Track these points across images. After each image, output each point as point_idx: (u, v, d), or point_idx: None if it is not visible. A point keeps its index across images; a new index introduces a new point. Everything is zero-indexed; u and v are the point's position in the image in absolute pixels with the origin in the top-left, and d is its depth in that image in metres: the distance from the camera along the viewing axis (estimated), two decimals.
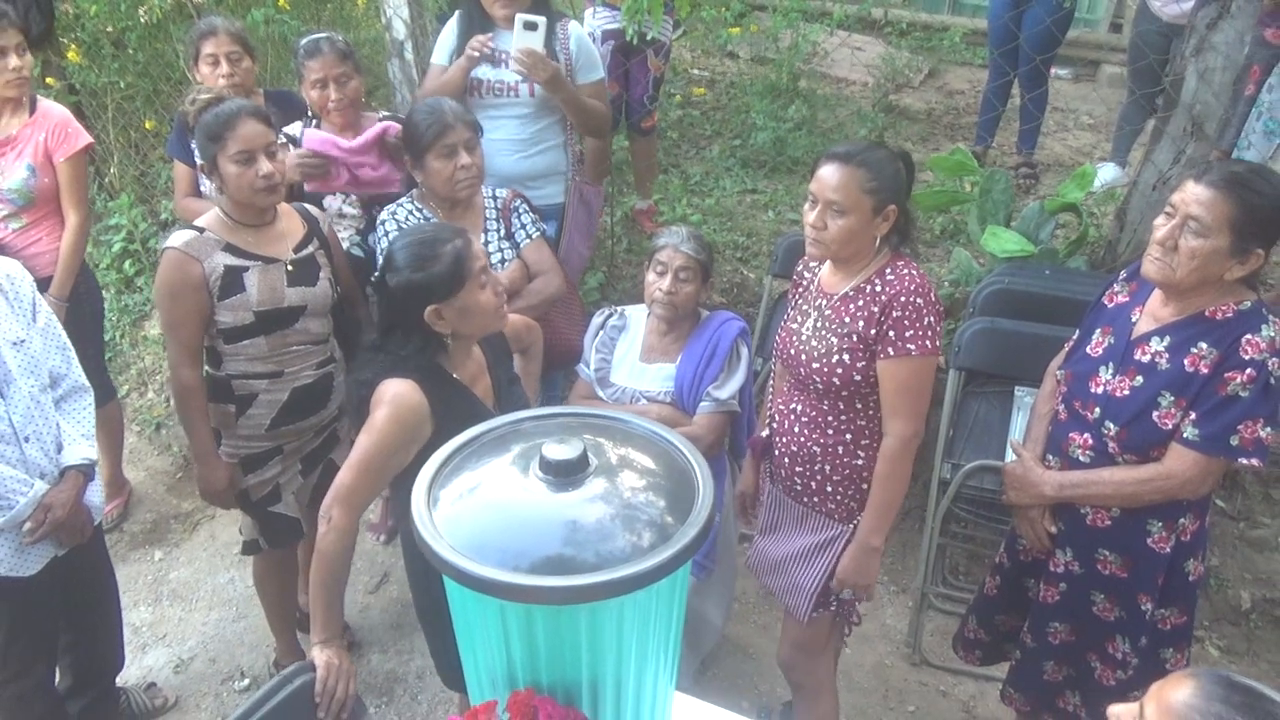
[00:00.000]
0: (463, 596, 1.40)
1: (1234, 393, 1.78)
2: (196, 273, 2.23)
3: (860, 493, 2.13)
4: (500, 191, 2.68)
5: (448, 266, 1.88)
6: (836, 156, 1.94)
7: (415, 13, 3.37)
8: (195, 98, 2.36)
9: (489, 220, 2.66)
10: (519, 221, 2.69)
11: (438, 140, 2.44)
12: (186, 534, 3.47)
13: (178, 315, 2.28)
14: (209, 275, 2.24)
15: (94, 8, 3.92)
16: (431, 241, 1.90)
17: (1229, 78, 2.71)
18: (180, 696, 2.82)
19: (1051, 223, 3.11)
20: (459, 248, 1.91)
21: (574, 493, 1.40)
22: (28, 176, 2.80)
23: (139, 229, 4.14)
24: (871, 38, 6.10)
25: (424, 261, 1.87)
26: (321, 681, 1.78)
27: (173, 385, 2.39)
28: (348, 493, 1.84)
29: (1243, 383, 1.77)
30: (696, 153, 4.87)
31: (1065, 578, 2.08)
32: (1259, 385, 1.76)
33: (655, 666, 1.50)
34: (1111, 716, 1.31)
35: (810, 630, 2.22)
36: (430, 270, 1.87)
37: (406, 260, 1.88)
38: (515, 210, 2.68)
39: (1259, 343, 1.77)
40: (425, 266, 1.87)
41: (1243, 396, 1.77)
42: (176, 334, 2.30)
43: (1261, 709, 1.17)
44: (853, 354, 1.99)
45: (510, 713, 1.35)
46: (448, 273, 1.88)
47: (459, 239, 1.93)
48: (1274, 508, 3.08)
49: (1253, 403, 1.77)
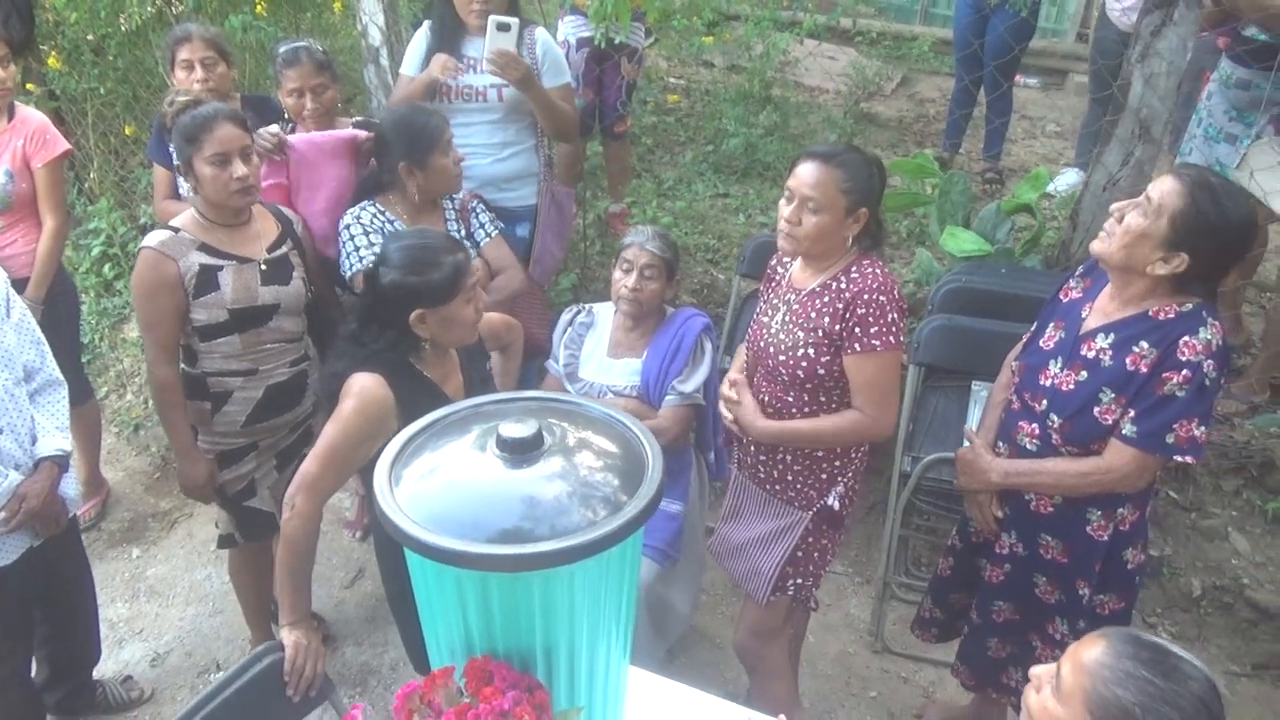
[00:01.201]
0: (423, 568, 1.47)
1: (1170, 392, 1.83)
2: (172, 271, 2.29)
3: (819, 481, 2.20)
4: (459, 192, 2.76)
5: (445, 277, 1.93)
6: (816, 155, 2.01)
7: (391, 20, 3.45)
8: (173, 100, 2.41)
9: (449, 222, 2.74)
10: (477, 221, 2.76)
11: (441, 136, 2.52)
12: (164, 532, 3.51)
13: (154, 313, 2.33)
14: (184, 274, 2.30)
15: (74, 15, 3.97)
16: (434, 249, 1.96)
17: (1173, 82, 2.81)
18: (156, 689, 2.86)
19: (1008, 223, 3.21)
20: (459, 261, 1.97)
21: (529, 469, 1.47)
22: (5, 181, 2.85)
23: (118, 233, 4.19)
24: (844, 47, 6.22)
25: (423, 267, 1.92)
26: (290, 660, 1.84)
27: (150, 382, 2.44)
28: (312, 481, 1.90)
29: (1179, 383, 1.82)
30: (671, 158, 4.96)
31: (1010, 559, 2.16)
32: (1194, 386, 1.82)
33: (608, 637, 1.57)
34: (1033, 677, 1.39)
35: (767, 614, 2.29)
36: (428, 277, 1.92)
37: (404, 261, 1.94)
38: (473, 210, 2.76)
39: (1196, 345, 1.81)
40: (423, 272, 1.92)
41: (1179, 396, 1.82)
42: (153, 332, 2.35)
43: (1166, 664, 1.25)
44: (817, 348, 2.06)
45: (467, 677, 1.41)
46: (443, 283, 1.94)
47: (460, 253, 1.99)
48: (1223, 498, 3.18)
49: (1188, 403, 1.82)
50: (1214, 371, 1.83)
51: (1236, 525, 3.12)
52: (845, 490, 2.20)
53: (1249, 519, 3.13)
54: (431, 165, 2.55)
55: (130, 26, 3.93)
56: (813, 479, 2.19)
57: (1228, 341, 1.89)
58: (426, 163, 2.55)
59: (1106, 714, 1.24)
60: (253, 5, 3.71)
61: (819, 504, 2.19)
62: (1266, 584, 2.99)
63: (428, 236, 2.04)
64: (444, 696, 1.40)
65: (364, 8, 3.45)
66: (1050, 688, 1.33)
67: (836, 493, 2.19)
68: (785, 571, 2.23)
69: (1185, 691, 1.22)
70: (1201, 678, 1.23)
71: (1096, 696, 1.25)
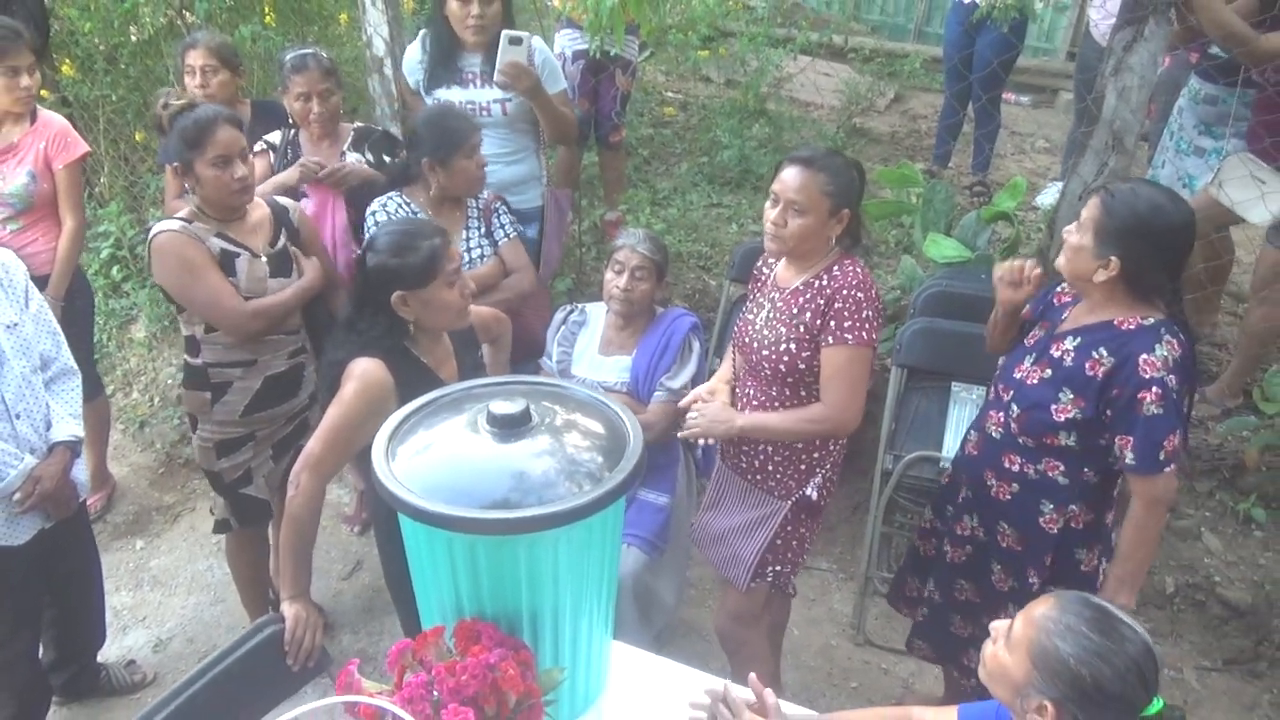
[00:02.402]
0: (416, 534, 1.57)
1: (1150, 412, 1.92)
2: (202, 248, 2.36)
3: (798, 472, 2.30)
4: (483, 194, 2.87)
5: (421, 260, 2.04)
6: (799, 160, 2.12)
7: (395, 31, 3.57)
8: (167, 102, 2.43)
9: (471, 219, 2.85)
10: (498, 222, 2.88)
11: (466, 140, 2.63)
12: (167, 525, 3.60)
13: (199, 282, 2.34)
14: (212, 250, 2.38)
15: (88, 24, 4.11)
16: (413, 234, 2.07)
17: (1144, 96, 2.91)
18: (159, 673, 2.95)
19: (988, 231, 3.32)
20: (435, 245, 2.06)
21: (518, 444, 1.58)
22: (28, 182, 2.96)
23: (127, 236, 4.30)
24: (839, 64, 6.36)
25: (402, 250, 2.03)
26: (290, 632, 1.94)
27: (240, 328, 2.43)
28: (316, 461, 2.00)
29: (1153, 401, 1.91)
30: (666, 169, 5.08)
31: (971, 541, 2.26)
32: (1166, 400, 1.92)
33: (590, 606, 1.67)
34: (991, 630, 1.50)
35: (747, 600, 2.39)
36: (405, 259, 2.02)
37: (386, 245, 2.05)
38: (496, 211, 2.88)
39: (1154, 361, 1.91)
40: (401, 255, 2.03)
41: (1158, 414, 1.92)
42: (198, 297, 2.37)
43: (1107, 624, 1.35)
44: (799, 343, 2.16)
45: (456, 638, 1.51)
46: (420, 265, 2.04)
47: (439, 237, 2.09)
48: (1197, 500, 3.27)
49: (1167, 418, 1.92)
50: (1176, 383, 1.93)
51: (1209, 525, 3.22)
52: (823, 481, 2.30)
53: (1221, 520, 3.23)
54: (454, 165, 2.66)
55: (142, 36, 4.05)
56: (792, 469, 2.29)
57: (1188, 354, 1.98)
58: (449, 162, 2.66)
59: (1046, 663, 1.36)
60: (262, 16, 3.83)
61: (798, 494, 2.29)
62: (1237, 582, 3.08)
63: (410, 223, 2.15)
64: (434, 653, 1.49)
65: (369, 20, 3.57)
66: (1003, 640, 1.44)
67: (815, 483, 2.29)
68: (765, 558, 2.32)
69: (1120, 650, 1.32)
70: (1139, 641, 1.33)
71: (1039, 647, 1.37)
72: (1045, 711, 1.35)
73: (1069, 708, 1.33)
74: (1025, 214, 4.55)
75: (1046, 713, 1.35)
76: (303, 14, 4.17)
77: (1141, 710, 1.32)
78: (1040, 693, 1.36)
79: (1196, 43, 3.06)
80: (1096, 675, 1.30)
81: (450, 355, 2.22)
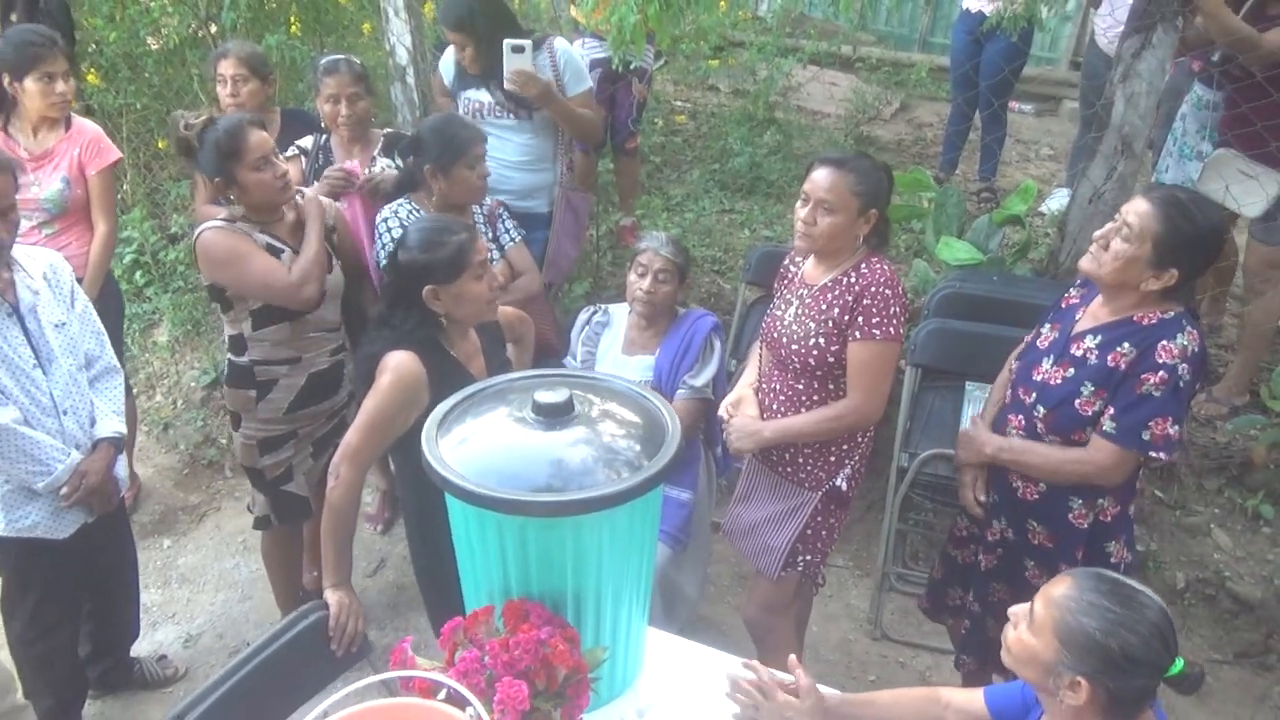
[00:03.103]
0: (465, 518, 1.64)
1: (1147, 392, 1.97)
2: (249, 239, 2.43)
3: (828, 464, 2.36)
4: (485, 200, 2.94)
5: (451, 253, 2.11)
6: (830, 161, 2.19)
7: (417, 40, 3.66)
8: (188, 123, 2.45)
9: (478, 225, 2.92)
10: (503, 227, 2.95)
11: (468, 151, 2.68)
12: (193, 524, 3.66)
13: (247, 267, 2.40)
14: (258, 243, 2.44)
15: (113, 35, 4.19)
16: (442, 230, 2.15)
17: (1152, 101, 3.00)
18: (190, 668, 3.01)
19: (999, 234, 3.40)
20: (463, 240, 2.14)
21: (562, 433, 1.65)
22: (62, 188, 3.04)
23: (150, 242, 4.37)
24: (845, 74, 6.45)
25: (432, 245, 2.11)
26: (335, 618, 2.00)
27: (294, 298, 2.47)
28: (354, 451, 2.06)
29: (1155, 384, 1.96)
30: (678, 176, 5.17)
31: (1002, 544, 2.30)
32: (1170, 387, 1.96)
33: (630, 591, 1.73)
34: (1010, 615, 1.55)
35: (777, 589, 2.45)
36: (435, 254, 2.10)
37: (417, 241, 2.12)
38: (500, 217, 2.96)
39: (1173, 349, 1.97)
40: (431, 250, 2.10)
41: (1155, 396, 1.97)
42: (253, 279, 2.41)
43: (1124, 594, 1.42)
44: (827, 338, 2.23)
45: (505, 617, 1.57)
46: (449, 259, 2.11)
47: (466, 233, 2.17)
48: (1206, 497, 3.33)
49: (1163, 402, 1.97)
50: (1188, 375, 1.97)
51: (1218, 522, 3.28)
52: (852, 472, 2.37)
53: (1230, 516, 3.29)
54: (454, 174, 2.72)
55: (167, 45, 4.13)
56: (822, 461, 2.36)
57: (1204, 348, 2.03)
58: (450, 171, 2.72)
59: (1073, 640, 1.41)
60: (287, 26, 3.92)
61: (828, 485, 2.35)
62: (1246, 577, 3.14)
63: (439, 220, 2.22)
64: (485, 631, 1.56)
65: (391, 29, 3.66)
66: (1025, 623, 1.50)
67: (844, 474, 2.35)
68: (795, 548, 2.38)
69: (1141, 618, 1.38)
70: (1156, 606, 1.40)
71: (1064, 626, 1.42)
72: (1079, 687, 1.39)
73: (1100, 680, 1.38)
74: (1031, 219, 4.63)
75: (1080, 688, 1.39)
76: (326, 23, 4.25)
77: (1165, 671, 1.38)
78: (1071, 670, 1.40)
79: (1202, 50, 3.14)
80: (1124, 645, 1.36)
81: (478, 351, 2.28)
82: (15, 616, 2.48)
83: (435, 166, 2.70)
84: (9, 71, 2.94)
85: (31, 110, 2.99)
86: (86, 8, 4.22)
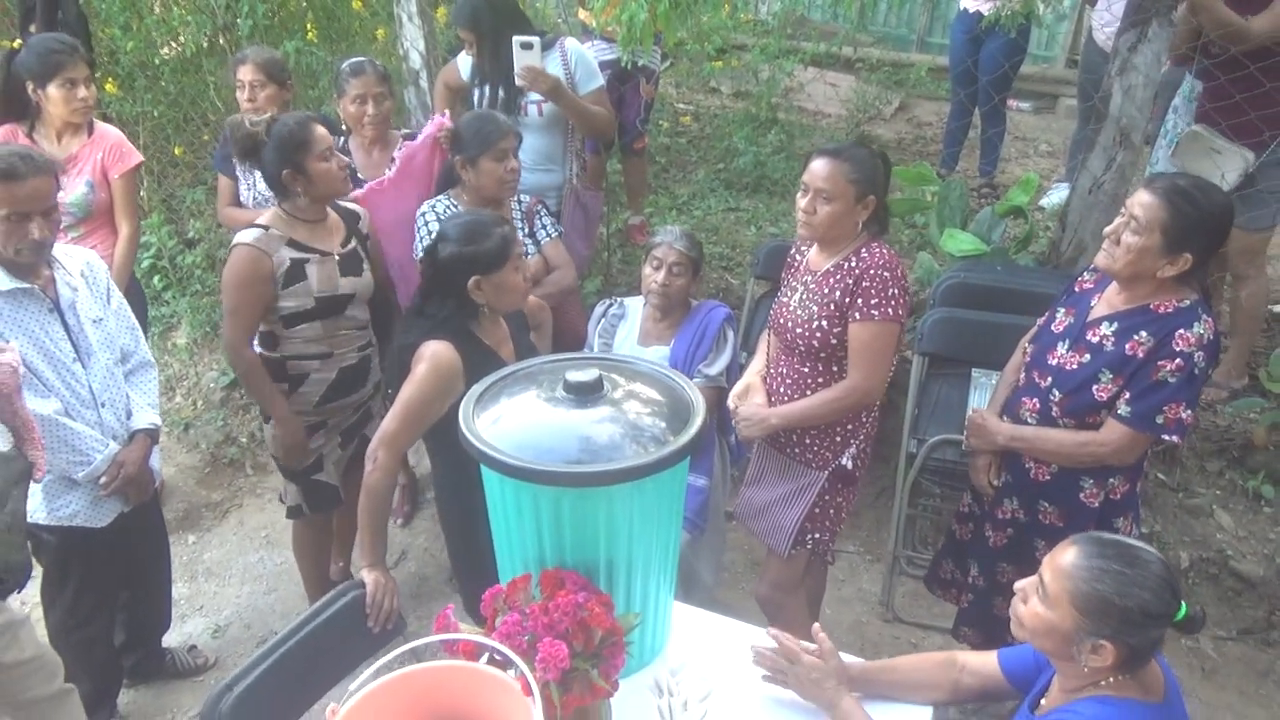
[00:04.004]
0: (502, 491, 1.72)
1: (1163, 379, 2.04)
2: (266, 266, 2.51)
3: (834, 444, 2.45)
4: (524, 197, 3.03)
5: (495, 245, 2.20)
6: (826, 152, 2.28)
7: (430, 45, 3.75)
8: (253, 120, 2.58)
9: (515, 220, 3.01)
10: (540, 223, 3.04)
11: (495, 144, 2.76)
12: (217, 521, 3.74)
13: (244, 301, 2.54)
14: (277, 268, 2.53)
15: (129, 44, 4.28)
16: (484, 224, 2.23)
17: (1149, 94, 3.09)
18: (219, 658, 3.08)
19: (1002, 225, 3.48)
20: (506, 233, 2.23)
21: (593, 410, 1.73)
22: (86, 192, 3.12)
23: (167, 246, 4.46)
24: (846, 74, 6.55)
25: (476, 238, 2.19)
26: (371, 596, 2.08)
27: (235, 363, 2.65)
28: (391, 437, 2.14)
29: (1171, 370, 2.03)
30: (684, 176, 5.26)
31: (1012, 524, 2.37)
32: (1185, 374, 2.03)
33: (659, 559, 1.81)
34: (1018, 590, 1.62)
35: (788, 566, 2.53)
36: (480, 246, 2.18)
37: (459, 235, 2.20)
38: (538, 213, 3.05)
39: (1190, 337, 2.03)
40: (477, 242, 2.18)
41: (1170, 382, 2.04)
42: (238, 317, 2.55)
43: (1129, 554, 1.50)
44: (830, 320, 2.31)
45: (542, 584, 1.65)
46: (494, 251, 2.20)
47: (506, 226, 2.27)
48: (1207, 479, 3.41)
49: (1178, 388, 2.04)
50: (1204, 362, 2.05)
51: (1220, 503, 3.36)
52: (858, 451, 2.45)
53: (1232, 497, 3.37)
54: (480, 166, 2.80)
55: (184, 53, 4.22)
56: (827, 442, 2.44)
57: (1218, 336, 2.10)
58: (477, 163, 2.81)
59: (1090, 607, 1.47)
60: (304, 32, 4.00)
61: (834, 464, 2.44)
62: (1249, 555, 3.22)
63: (478, 214, 2.31)
64: (523, 598, 1.63)
65: (405, 34, 3.76)
66: (1037, 596, 1.56)
67: (850, 453, 2.44)
68: (805, 526, 2.47)
69: (1149, 574, 1.46)
70: (1157, 559, 1.48)
71: (1079, 594, 1.48)
72: (1103, 650, 1.46)
73: (1121, 639, 1.45)
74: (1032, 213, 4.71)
75: (1104, 650, 1.46)
76: (342, 30, 4.34)
77: (1174, 616, 1.45)
78: (1093, 635, 1.46)
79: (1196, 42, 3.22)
80: (1140, 603, 1.43)
81: (508, 338, 2.37)
82: (55, 605, 2.56)
83: (465, 159, 2.79)
84: (33, 79, 3.02)
85: (55, 116, 3.08)
86: (103, 18, 4.32)
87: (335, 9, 4.27)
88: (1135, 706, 1.50)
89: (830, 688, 1.77)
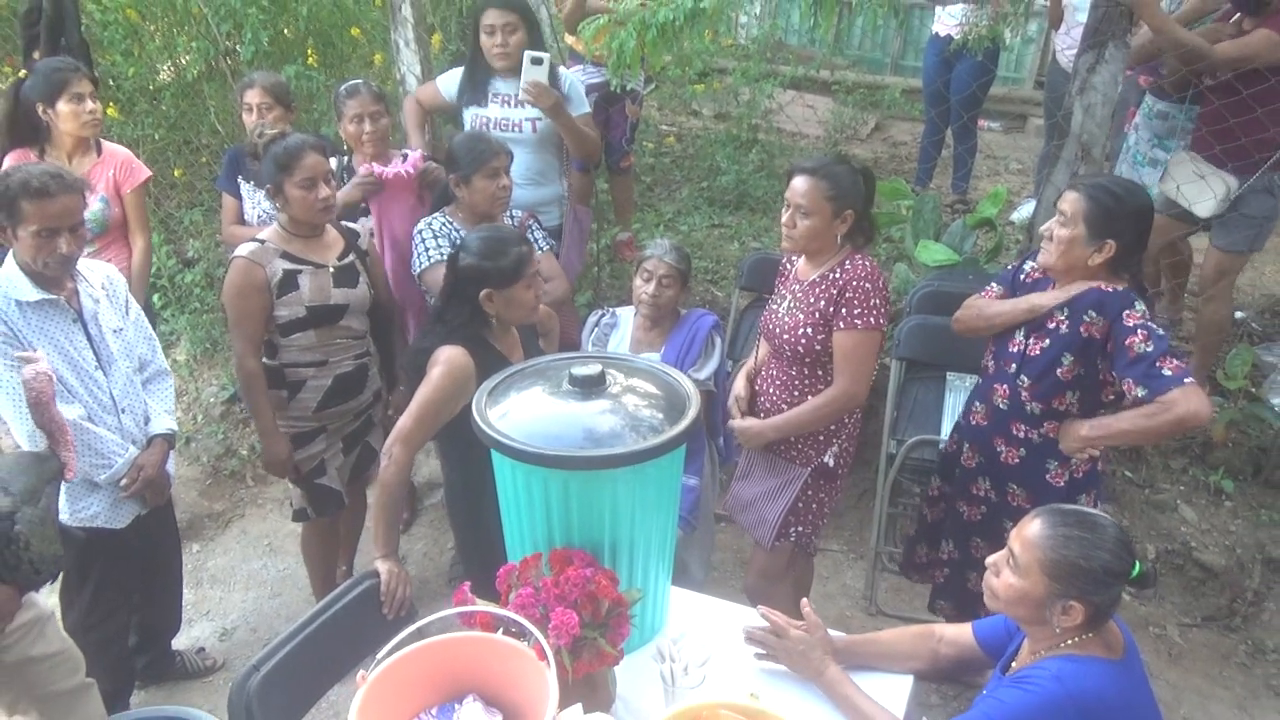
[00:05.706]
0: (515, 477, 1.86)
1: (1140, 350, 2.19)
2: (260, 276, 2.66)
3: (817, 442, 2.60)
4: (517, 212, 3.18)
5: (510, 263, 2.34)
6: (805, 170, 2.42)
7: (426, 69, 3.90)
8: (262, 132, 2.79)
9: None
10: (533, 237, 3.19)
11: (487, 162, 2.90)
12: (219, 530, 3.84)
13: (245, 311, 2.68)
14: (270, 278, 2.67)
15: (131, 69, 4.41)
16: (503, 241, 2.38)
17: (1108, 111, 3.28)
18: (227, 660, 3.18)
19: (973, 237, 3.67)
20: (523, 252, 2.38)
21: (596, 402, 1.88)
22: (103, 208, 3.25)
23: (166, 266, 4.57)
24: (823, 96, 6.77)
25: (493, 254, 2.33)
26: (385, 585, 2.20)
27: (239, 373, 2.79)
28: (407, 434, 2.27)
29: (1141, 340, 2.19)
30: (669, 194, 5.44)
31: (984, 502, 2.54)
32: (1154, 336, 2.19)
33: (658, 542, 1.96)
34: (989, 564, 1.77)
35: (772, 558, 2.67)
36: (496, 262, 2.32)
37: (479, 249, 2.34)
38: (530, 228, 3.19)
39: (1135, 314, 2.22)
40: (494, 258, 2.32)
41: (1147, 350, 2.18)
42: (242, 328, 2.70)
43: (1088, 521, 1.66)
44: (814, 328, 2.47)
45: (551, 563, 1.79)
46: (509, 268, 2.34)
47: (525, 245, 2.41)
48: (1172, 475, 3.59)
49: (1156, 349, 2.19)
50: (1159, 328, 2.22)
51: (1184, 498, 3.54)
52: (839, 450, 2.60)
53: (1195, 492, 3.55)
54: (473, 184, 2.94)
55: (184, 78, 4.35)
56: (811, 440, 2.59)
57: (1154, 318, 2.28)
58: (470, 180, 2.95)
59: (1058, 571, 1.63)
60: (304, 57, 4.15)
61: (817, 461, 2.59)
62: (1211, 547, 3.39)
63: (502, 230, 2.45)
64: (534, 575, 1.77)
65: (402, 59, 3.91)
66: (1009, 568, 1.71)
67: (832, 452, 2.59)
68: (788, 520, 2.61)
69: (1107, 536, 1.62)
70: (1112, 523, 1.65)
71: (1049, 562, 1.64)
72: (1072, 610, 1.62)
73: (1089, 597, 1.61)
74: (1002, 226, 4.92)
75: (1074, 610, 1.62)
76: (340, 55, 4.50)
77: (1130, 574, 1.61)
78: (1062, 597, 1.62)
79: (1151, 63, 3.43)
80: (1102, 563, 1.60)
81: (518, 344, 2.51)
82: (74, 604, 2.65)
83: (459, 177, 2.93)
84: (42, 100, 3.15)
85: (66, 133, 3.20)
86: (105, 45, 4.45)
87: (334, 35, 4.42)
88: (1097, 662, 1.65)
89: (817, 658, 1.91)
